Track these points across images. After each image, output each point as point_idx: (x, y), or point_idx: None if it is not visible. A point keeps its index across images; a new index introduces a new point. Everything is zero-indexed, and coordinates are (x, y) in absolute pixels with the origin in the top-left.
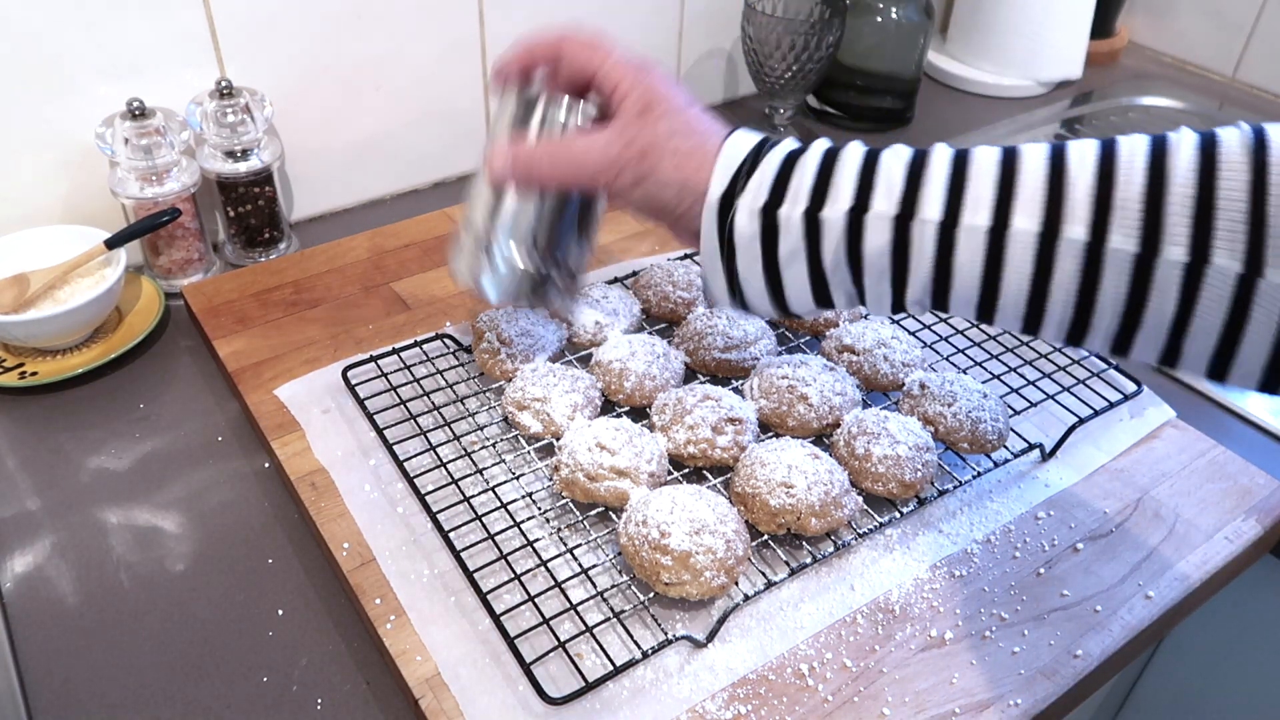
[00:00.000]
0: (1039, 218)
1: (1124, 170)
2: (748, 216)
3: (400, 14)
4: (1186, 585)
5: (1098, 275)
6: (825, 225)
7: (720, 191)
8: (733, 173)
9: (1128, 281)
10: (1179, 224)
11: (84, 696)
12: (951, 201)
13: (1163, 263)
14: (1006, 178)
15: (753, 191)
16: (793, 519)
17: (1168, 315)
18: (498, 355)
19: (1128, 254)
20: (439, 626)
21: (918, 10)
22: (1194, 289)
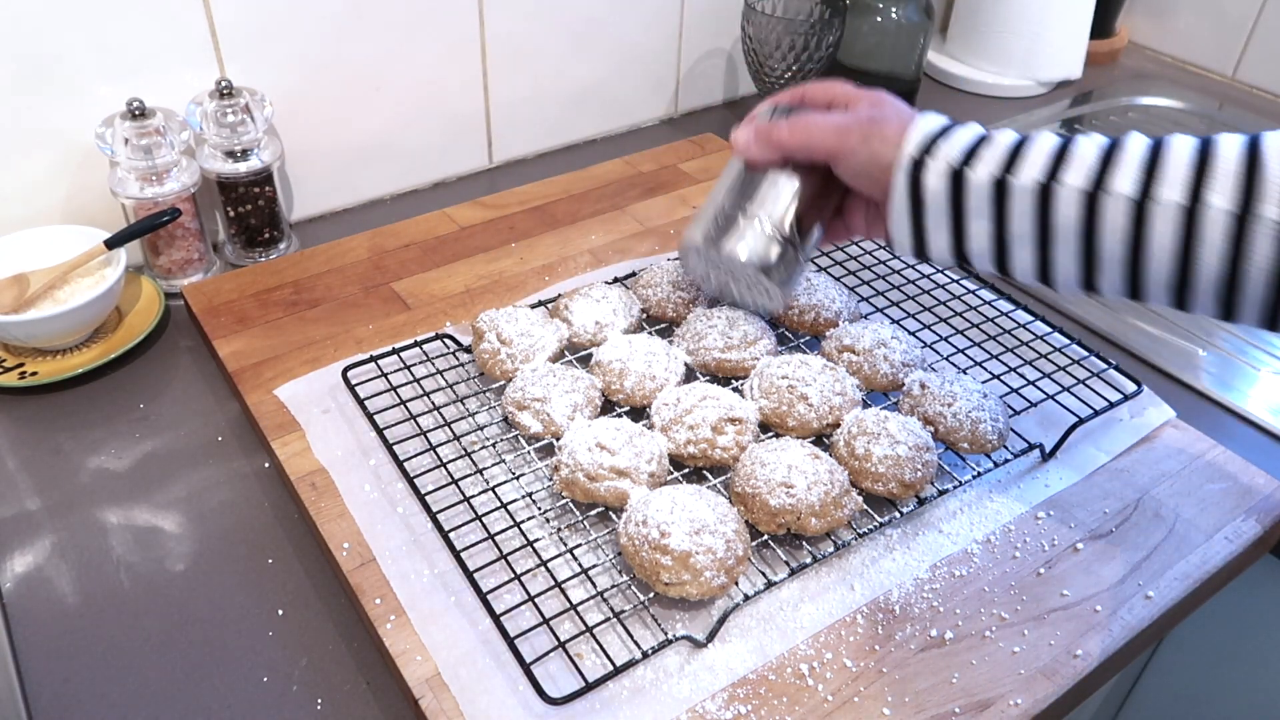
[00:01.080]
0: (1233, 197)
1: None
2: (937, 176)
3: (400, 14)
4: (1186, 585)
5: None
6: (1013, 191)
7: (914, 150)
8: (927, 136)
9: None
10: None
11: (84, 696)
12: (1146, 179)
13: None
14: (1202, 159)
15: (944, 154)
16: (793, 519)
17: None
18: (498, 355)
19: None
20: (439, 626)
21: (918, 10)
22: None
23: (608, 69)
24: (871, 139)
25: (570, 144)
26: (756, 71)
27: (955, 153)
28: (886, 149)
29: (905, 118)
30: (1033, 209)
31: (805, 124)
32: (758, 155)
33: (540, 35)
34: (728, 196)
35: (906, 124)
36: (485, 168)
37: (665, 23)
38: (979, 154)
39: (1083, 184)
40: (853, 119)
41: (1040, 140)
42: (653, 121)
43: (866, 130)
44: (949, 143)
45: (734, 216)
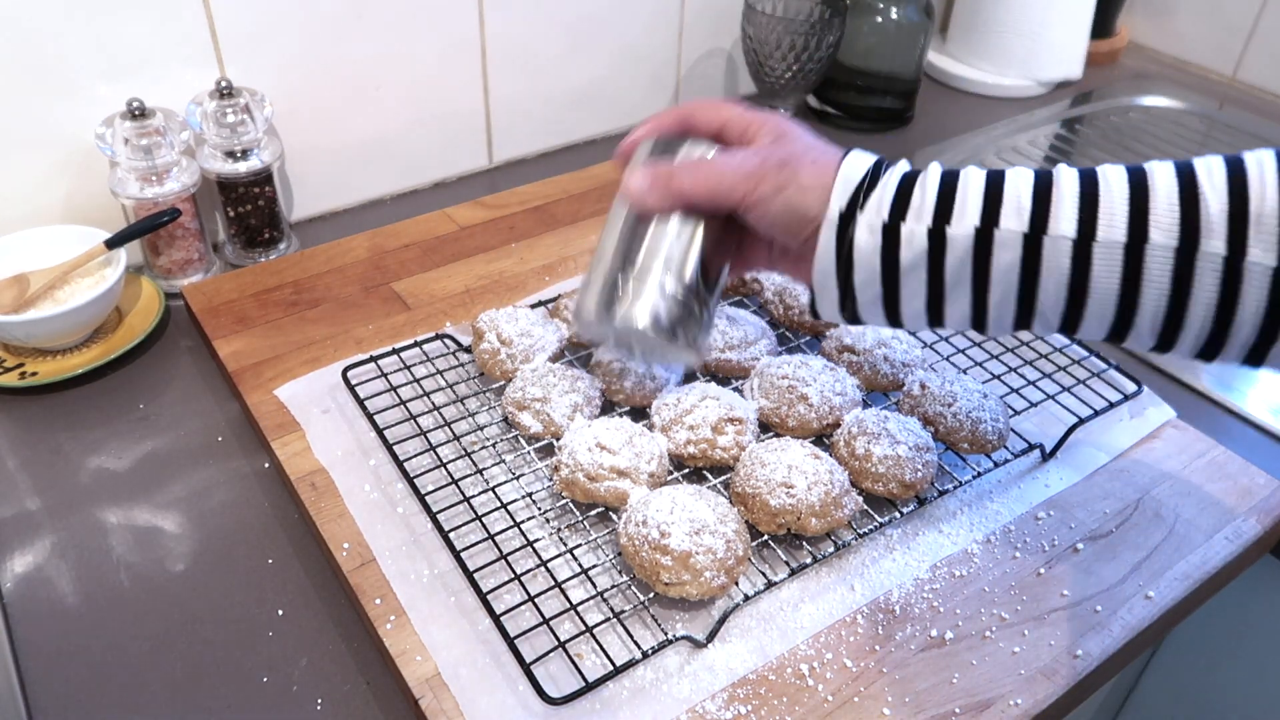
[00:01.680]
0: (1175, 233)
1: (1255, 185)
2: (868, 231)
3: (400, 14)
4: (1186, 585)
5: (1238, 287)
6: (951, 242)
7: (842, 204)
8: (853, 189)
9: (1267, 293)
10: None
11: (84, 696)
12: (1085, 217)
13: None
14: (1139, 193)
15: (873, 208)
16: (793, 519)
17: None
18: (498, 355)
19: (1267, 268)
20: (439, 626)
21: (918, 10)
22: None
23: (608, 69)
24: (786, 188)
25: (570, 144)
26: (756, 71)
27: (886, 203)
28: (805, 199)
29: (822, 161)
30: (971, 257)
31: (709, 171)
32: (655, 205)
33: (540, 35)
34: (618, 252)
35: (824, 169)
36: (485, 168)
37: (665, 23)
38: (910, 202)
39: (1022, 227)
40: (761, 163)
41: (971, 179)
42: None
43: (779, 178)
44: (879, 192)
45: (628, 277)
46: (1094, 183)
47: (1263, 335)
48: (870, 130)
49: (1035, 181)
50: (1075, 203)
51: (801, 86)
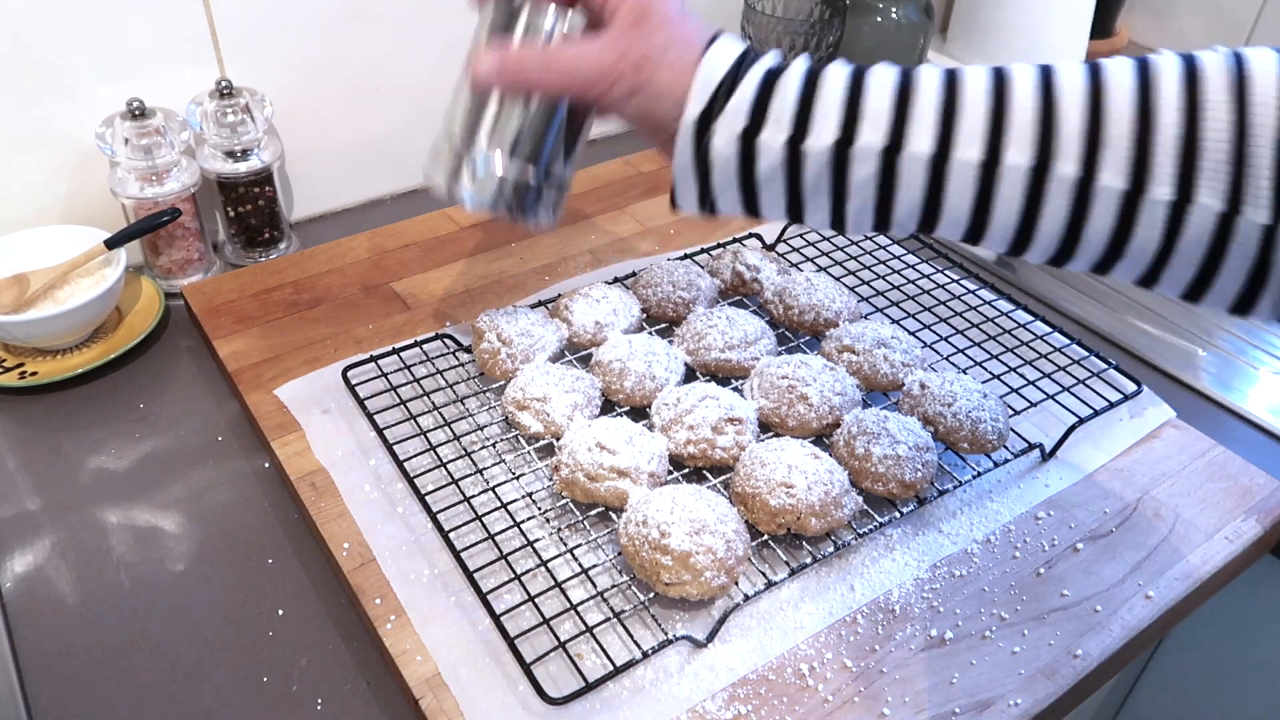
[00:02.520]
0: (1031, 153)
1: (1113, 106)
2: (725, 140)
3: (400, 14)
4: (1186, 585)
5: (1086, 209)
6: (807, 156)
7: (697, 112)
8: (711, 92)
9: (1115, 215)
10: (1166, 163)
11: (84, 696)
12: (942, 135)
13: (1149, 201)
14: (998, 109)
15: (730, 114)
16: (793, 519)
17: (1151, 247)
18: (498, 355)
19: (1116, 190)
20: (439, 626)
21: (918, 10)
22: (1178, 225)
23: None
24: (641, 91)
25: None
26: None
27: (744, 110)
28: (660, 106)
29: (681, 61)
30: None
31: (560, 68)
32: (501, 87)
33: None
34: (464, 125)
35: (682, 70)
36: None
37: None
38: (770, 108)
39: (880, 142)
40: (616, 60)
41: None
42: None
43: (635, 80)
44: (738, 96)
45: (471, 154)
46: (954, 90)
47: (1110, 250)
48: None
49: (897, 86)
50: (935, 115)
51: None
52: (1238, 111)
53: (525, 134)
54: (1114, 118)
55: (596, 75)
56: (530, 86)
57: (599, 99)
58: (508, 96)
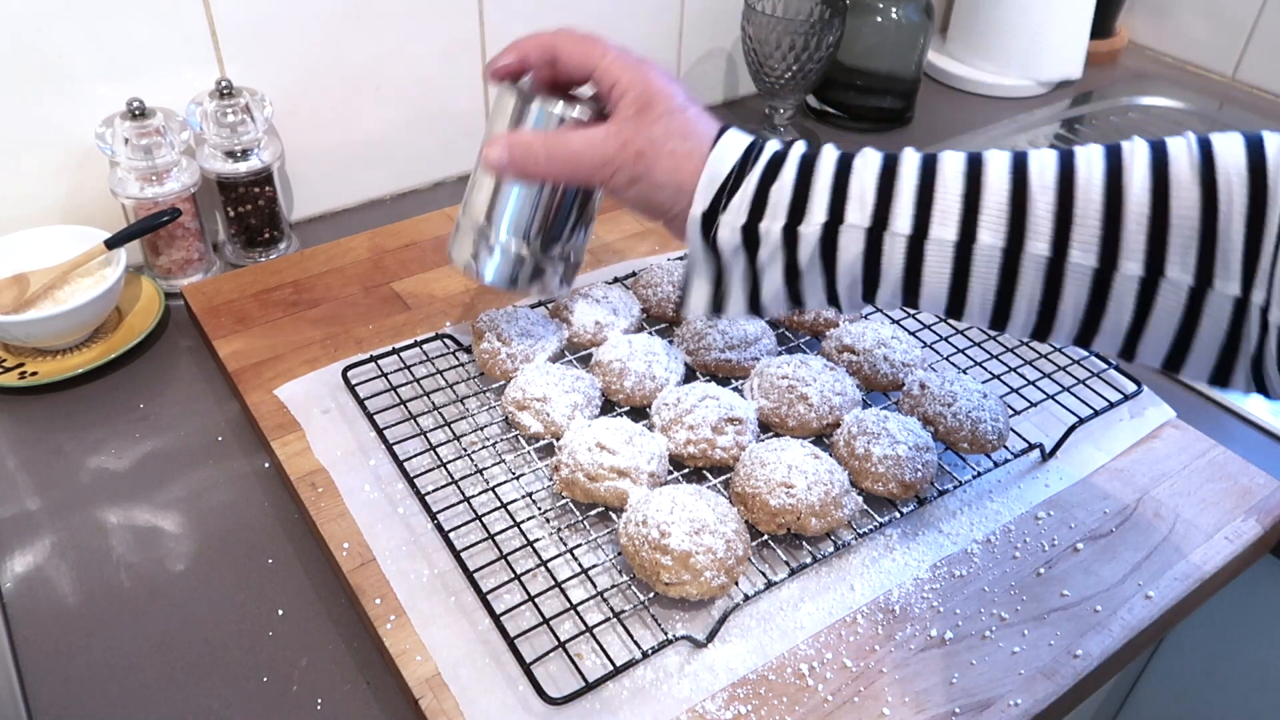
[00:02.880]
0: (1003, 233)
1: (1082, 188)
2: (730, 232)
3: (400, 14)
4: (1186, 585)
5: (1059, 286)
6: (801, 239)
7: (704, 208)
8: (717, 188)
9: (1088, 292)
10: (1135, 241)
11: (84, 696)
12: (920, 215)
13: (1120, 277)
14: (972, 192)
15: (735, 209)
16: (793, 519)
17: (1124, 321)
18: (498, 355)
19: (1088, 268)
20: (439, 626)
21: (918, 10)
22: (1149, 299)
23: None
24: (640, 182)
25: None
26: (756, 71)
27: (746, 204)
28: (658, 195)
29: (679, 153)
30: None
31: (564, 156)
32: (511, 175)
33: None
34: (479, 204)
35: (681, 162)
36: None
37: (665, 23)
38: (769, 199)
39: (865, 222)
40: (618, 150)
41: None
42: None
43: (635, 169)
44: (742, 192)
45: (486, 234)
46: (932, 174)
47: (1086, 325)
48: (870, 130)
49: (880, 170)
50: (913, 197)
51: (801, 86)
52: (1205, 189)
53: (538, 214)
54: (1083, 199)
55: (598, 164)
56: (537, 175)
57: (601, 185)
58: (516, 186)
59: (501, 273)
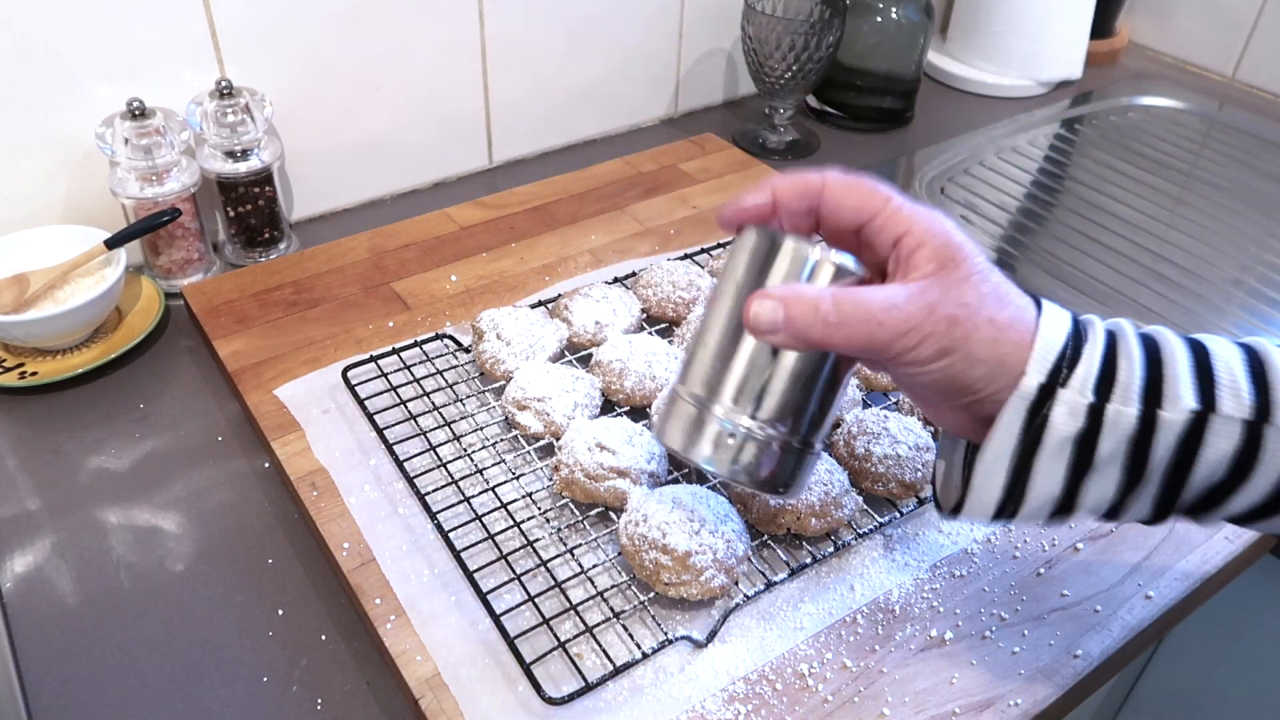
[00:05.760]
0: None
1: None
2: (1069, 413)
3: (400, 14)
4: (1186, 585)
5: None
6: (1162, 426)
7: (1039, 381)
8: (1054, 360)
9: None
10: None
11: (84, 696)
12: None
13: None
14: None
15: (1078, 385)
16: (793, 519)
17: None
18: (498, 355)
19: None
20: (439, 626)
21: (918, 10)
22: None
23: (608, 69)
24: (951, 354)
25: (570, 144)
26: (756, 71)
27: (1092, 380)
28: (972, 372)
29: (999, 321)
30: (1178, 443)
31: (859, 320)
32: (786, 345)
33: (540, 35)
34: (706, 372)
35: (1003, 333)
36: (485, 168)
37: (665, 23)
38: (1117, 378)
39: (1243, 413)
40: (926, 316)
41: (1175, 350)
42: (653, 121)
43: (946, 340)
44: (1084, 366)
45: (713, 405)
46: (1260, 362)
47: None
48: (870, 130)
49: (1247, 358)
50: (1247, 377)
51: (801, 86)
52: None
53: (789, 392)
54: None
55: (901, 330)
56: (818, 341)
57: (896, 357)
58: (761, 358)
59: (732, 458)
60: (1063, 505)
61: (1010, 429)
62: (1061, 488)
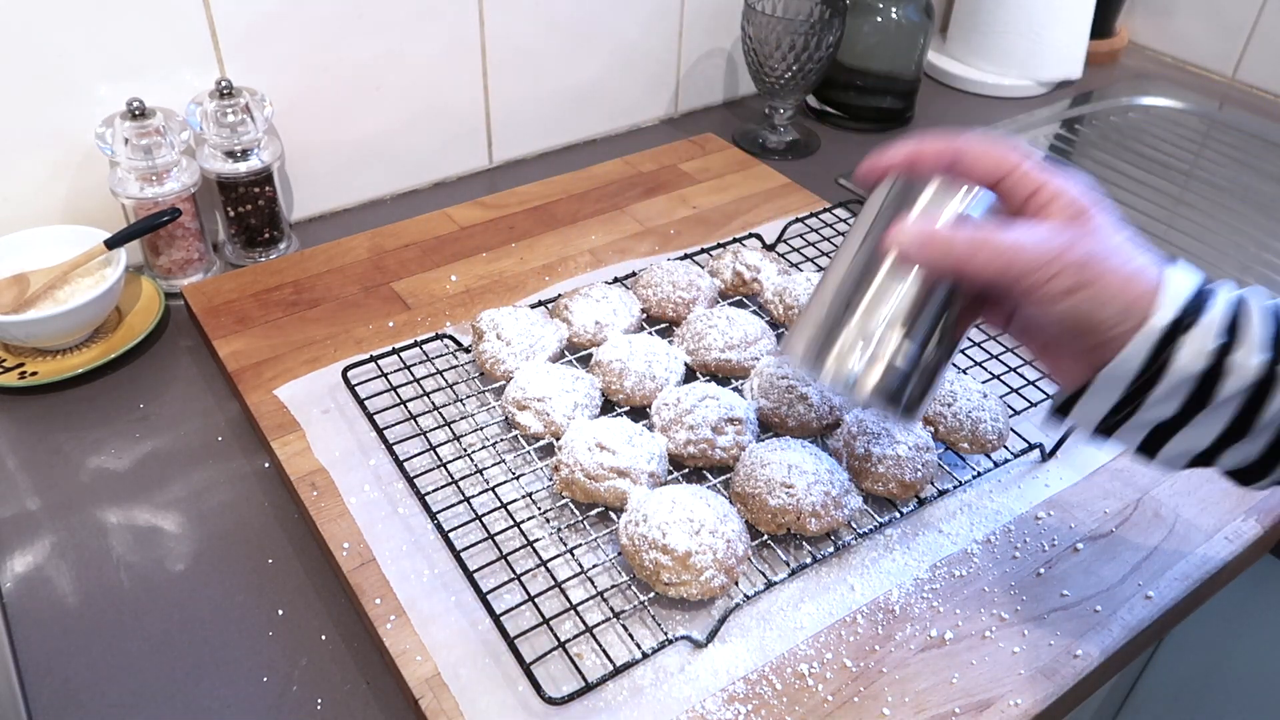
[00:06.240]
0: None
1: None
2: (1194, 354)
3: (400, 14)
4: (1186, 585)
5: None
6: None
7: (1169, 319)
8: (1183, 303)
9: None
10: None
11: (84, 696)
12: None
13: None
14: None
15: (1205, 331)
16: (793, 519)
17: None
18: (498, 355)
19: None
20: (439, 626)
21: (918, 10)
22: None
23: (608, 69)
24: (1079, 292)
25: (570, 144)
26: (756, 71)
27: (1217, 327)
28: (1100, 312)
29: (1126, 271)
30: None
31: (999, 251)
32: (924, 266)
33: (540, 35)
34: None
35: (1131, 281)
36: (485, 168)
37: (665, 23)
38: (1246, 331)
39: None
40: (1061, 253)
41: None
42: (653, 121)
43: (1078, 277)
44: (1210, 314)
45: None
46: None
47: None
48: (870, 130)
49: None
50: None
51: (801, 86)
52: None
53: (916, 321)
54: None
55: (1039, 262)
56: (958, 269)
57: (1029, 291)
58: (905, 281)
59: (884, 385)
60: (1160, 436)
61: (1134, 358)
62: (1168, 419)
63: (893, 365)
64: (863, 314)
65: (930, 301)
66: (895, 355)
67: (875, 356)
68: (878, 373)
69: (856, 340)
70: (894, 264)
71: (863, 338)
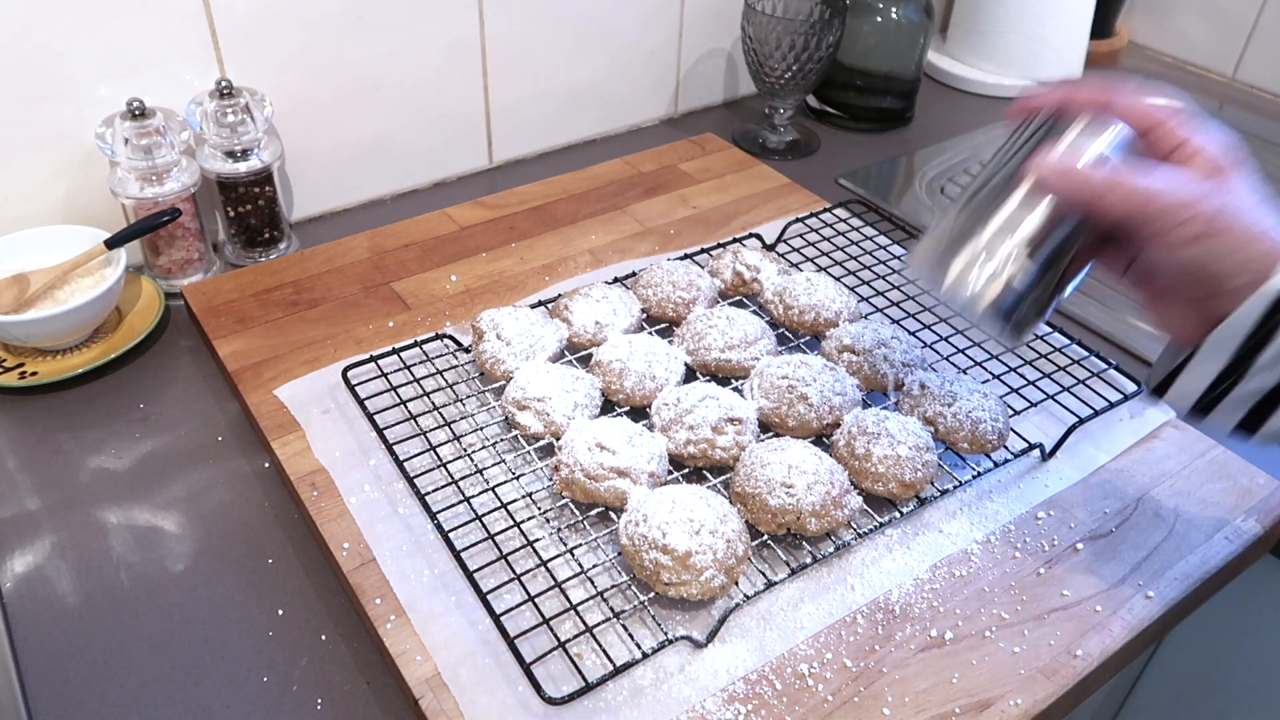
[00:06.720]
0: None
1: None
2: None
3: (400, 14)
4: (1186, 585)
5: None
6: None
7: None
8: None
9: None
10: None
11: (84, 696)
12: None
13: None
14: None
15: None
16: (793, 519)
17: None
18: (498, 355)
19: None
20: (439, 626)
21: (918, 10)
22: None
23: (608, 69)
24: (1208, 240)
25: (570, 144)
26: (756, 71)
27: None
28: (1224, 263)
29: (1256, 229)
30: None
31: (1138, 192)
32: (1061, 196)
33: (540, 35)
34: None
35: (1259, 237)
36: (485, 168)
37: (665, 22)
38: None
39: None
40: (1196, 200)
41: None
42: (653, 121)
43: (1207, 226)
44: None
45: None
46: None
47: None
48: (870, 130)
49: None
50: None
51: (801, 86)
52: None
53: (1041, 247)
54: None
55: (1176, 205)
56: (1095, 204)
57: (1158, 234)
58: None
59: (1000, 301)
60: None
61: (1249, 316)
62: (1269, 389)
63: (1010, 284)
64: (992, 233)
65: (1057, 231)
66: (1015, 275)
67: (996, 273)
68: (996, 289)
69: (980, 255)
70: (1030, 191)
71: (988, 253)
